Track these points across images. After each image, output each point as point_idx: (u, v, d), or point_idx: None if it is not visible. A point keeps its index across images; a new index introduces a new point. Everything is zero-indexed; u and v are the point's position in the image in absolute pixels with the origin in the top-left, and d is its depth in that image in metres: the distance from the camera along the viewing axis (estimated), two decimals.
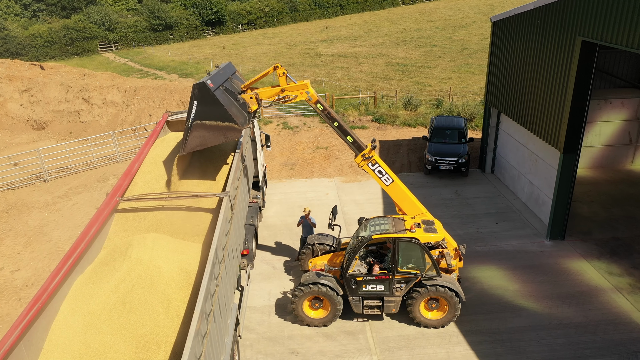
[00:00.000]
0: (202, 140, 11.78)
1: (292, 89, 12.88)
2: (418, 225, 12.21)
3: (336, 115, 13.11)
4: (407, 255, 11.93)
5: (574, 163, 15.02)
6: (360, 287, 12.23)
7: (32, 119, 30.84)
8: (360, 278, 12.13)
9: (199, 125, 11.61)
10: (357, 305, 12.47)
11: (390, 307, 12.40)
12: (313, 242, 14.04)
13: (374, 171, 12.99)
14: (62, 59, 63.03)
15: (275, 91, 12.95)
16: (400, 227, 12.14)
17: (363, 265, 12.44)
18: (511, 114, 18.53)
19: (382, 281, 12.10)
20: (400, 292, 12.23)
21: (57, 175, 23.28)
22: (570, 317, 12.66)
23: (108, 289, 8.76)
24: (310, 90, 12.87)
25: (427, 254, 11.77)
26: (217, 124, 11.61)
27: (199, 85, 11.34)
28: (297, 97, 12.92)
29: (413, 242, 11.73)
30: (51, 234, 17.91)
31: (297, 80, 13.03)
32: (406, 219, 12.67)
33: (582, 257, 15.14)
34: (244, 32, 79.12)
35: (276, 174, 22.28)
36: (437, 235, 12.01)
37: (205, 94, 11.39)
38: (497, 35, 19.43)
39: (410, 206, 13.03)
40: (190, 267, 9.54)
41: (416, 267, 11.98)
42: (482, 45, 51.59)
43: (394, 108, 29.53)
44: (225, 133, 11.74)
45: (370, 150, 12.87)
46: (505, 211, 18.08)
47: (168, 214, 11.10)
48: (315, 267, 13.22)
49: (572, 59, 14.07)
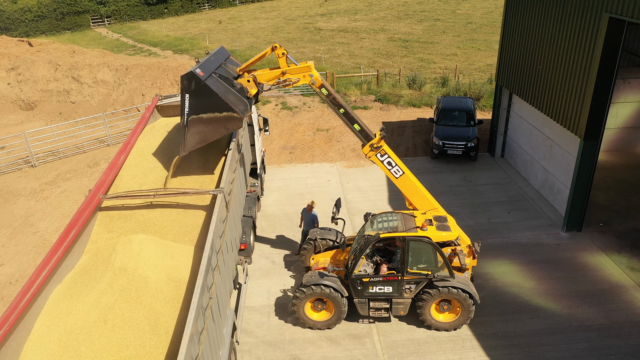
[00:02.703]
0: (201, 137, 10.67)
1: (294, 71, 11.69)
2: (430, 223, 11.22)
3: (342, 100, 11.96)
4: (417, 255, 10.99)
5: (595, 151, 13.99)
6: (367, 289, 11.34)
7: (20, 99, 29.57)
8: (366, 279, 11.22)
9: (195, 120, 10.49)
10: (363, 308, 11.59)
11: (398, 309, 11.53)
12: (315, 237, 13.07)
13: (382, 162, 11.94)
14: (52, 34, 60.99)
15: (275, 74, 11.73)
16: (410, 224, 11.17)
17: (370, 265, 11.51)
18: (525, 96, 17.38)
19: (391, 282, 11.19)
20: (409, 294, 11.34)
21: (45, 159, 22.19)
22: (592, 318, 11.82)
23: (88, 303, 7.82)
24: (314, 73, 11.70)
25: (440, 253, 10.83)
26: (215, 115, 10.48)
27: (187, 76, 10.18)
28: (299, 81, 11.74)
29: (425, 242, 10.78)
30: (37, 225, 16.95)
31: (298, 62, 11.84)
32: (417, 214, 11.68)
33: (601, 250, 14.24)
34: (240, 6, 76.75)
35: (275, 158, 21.22)
36: (450, 233, 11.03)
37: (196, 84, 10.24)
38: (510, 11, 18.11)
39: (422, 200, 12.02)
40: (180, 276, 8.59)
41: (427, 267, 11.06)
42: (487, 20, 49.84)
43: (398, 87, 28.27)
44: (225, 124, 10.64)
45: (380, 139, 11.79)
46: (517, 199, 17.11)
47: (157, 213, 10.09)
48: (318, 264, 12.31)
49: (598, 37, 12.87)
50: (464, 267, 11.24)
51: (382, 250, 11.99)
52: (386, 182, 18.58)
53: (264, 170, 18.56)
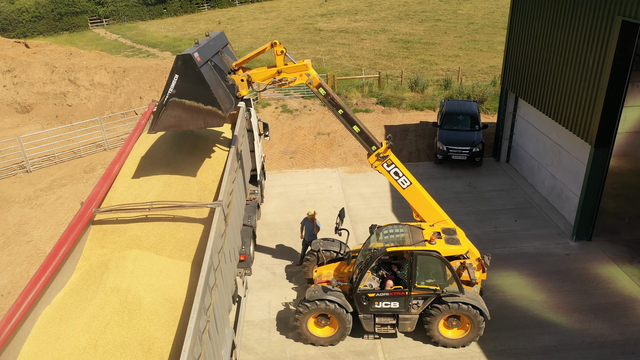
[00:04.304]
0: (176, 121, 9.94)
1: (291, 70, 11.03)
2: (438, 236, 10.77)
3: (341, 101, 11.37)
4: (425, 270, 10.53)
5: (607, 158, 13.54)
6: (373, 304, 10.88)
7: (16, 102, 29.07)
8: (372, 294, 10.77)
9: (176, 103, 9.78)
10: (369, 323, 11.14)
11: (405, 325, 11.07)
12: (318, 248, 12.60)
13: (389, 172, 11.44)
14: (50, 35, 60.51)
15: (270, 73, 11.07)
16: (418, 237, 10.71)
17: (375, 279, 11.06)
18: (531, 100, 16.93)
19: (397, 298, 10.74)
20: (417, 310, 10.89)
21: (40, 164, 21.74)
22: (605, 333, 11.37)
23: (78, 327, 7.36)
24: (312, 72, 11.08)
25: (449, 268, 10.37)
26: (199, 105, 9.81)
27: (184, 57, 9.50)
28: (295, 80, 11.07)
29: (433, 256, 10.32)
30: (31, 234, 16.48)
31: (297, 60, 11.30)
32: (424, 227, 11.23)
33: (612, 260, 13.80)
34: (240, 6, 76.30)
35: (275, 163, 20.76)
36: (460, 247, 10.58)
37: (190, 68, 9.55)
38: (517, 13, 17.66)
39: (430, 212, 11.55)
40: (176, 296, 8.13)
41: (436, 282, 10.60)
42: (489, 20, 49.41)
43: (400, 89, 27.82)
44: (205, 118, 9.93)
45: (387, 148, 11.30)
46: (524, 207, 16.66)
47: (152, 227, 9.62)
48: (321, 277, 11.85)
49: (610, 41, 12.42)
50: (473, 282, 10.80)
51: (388, 263, 11.54)
52: (389, 188, 18.13)
53: (264, 177, 18.10)
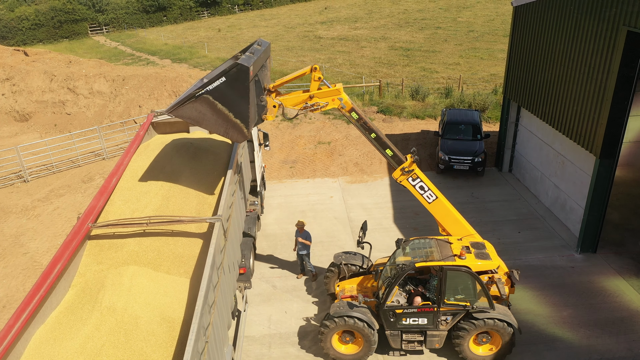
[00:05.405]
0: (198, 117, 9.64)
1: (323, 94, 10.83)
2: (468, 250, 10.53)
3: (374, 125, 11.20)
4: (455, 285, 10.30)
5: (612, 170, 13.35)
6: (400, 320, 10.61)
7: (14, 110, 28.94)
8: (400, 310, 10.50)
9: (208, 101, 9.47)
10: (396, 340, 10.85)
11: (433, 342, 10.80)
12: (340, 261, 12.31)
13: (414, 187, 11.26)
14: (50, 42, 60.46)
15: (302, 98, 10.86)
16: (447, 252, 10.48)
17: (402, 295, 10.81)
18: (534, 110, 16.76)
19: (426, 314, 10.49)
20: (445, 326, 10.63)
21: (38, 174, 21.53)
22: (613, 350, 11.13)
23: (72, 348, 7.13)
24: (344, 97, 10.89)
25: (480, 283, 10.15)
26: (228, 115, 9.62)
27: (240, 67, 9.21)
28: (327, 105, 10.91)
29: (463, 271, 10.11)
30: (28, 245, 16.24)
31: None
32: (452, 241, 11.00)
33: (618, 273, 13.57)
34: (240, 14, 76.40)
35: (275, 173, 20.56)
36: (491, 262, 10.34)
37: (240, 80, 9.31)
38: (519, 22, 17.53)
39: (456, 226, 11.34)
40: (174, 315, 7.90)
41: (465, 298, 10.37)
42: (489, 28, 49.41)
43: (401, 98, 27.68)
44: (228, 129, 9.77)
45: (412, 162, 11.11)
46: (527, 218, 16.45)
47: (150, 242, 9.40)
48: (344, 291, 11.60)
49: (615, 52, 12.27)
50: (503, 297, 10.57)
51: (413, 278, 11.27)
52: (391, 199, 17.93)
53: (264, 187, 17.90)
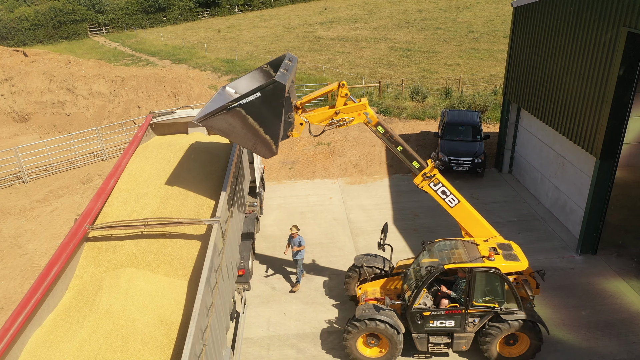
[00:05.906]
0: (228, 129, 9.55)
1: (348, 110, 10.70)
2: (495, 251, 10.48)
3: (400, 138, 11.09)
4: (483, 287, 10.25)
5: (612, 171, 13.31)
6: (427, 323, 10.55)
7: (13, 111, 28.90)
8: (427, 313, 10.44)
9: (240, 115, 9.40)
10: (422, 343, 10.78)
11: (460, 344, 10.74)
12: (361, 264, 12.24)
13: (436, 192, 11.23)
14: (50, 43, 60.44)
15: (328, 114, 10.72)
16: (474, 253, 10.42)
17: (429, 297, 10.75)
18: (534, 111, 16.71)
19: (454, 316, 10.43)
20: (473, 328, 10.58)
21: (37, 175, 21.48)
22: (613, 352, 11.08)
23: (69, 351, 7.07)
24: (370, 111, 10.79)
25: (509, 285, 10.11)
26: (259, 130, 9.58)
27: (276, 85, 9.18)
28: (353, 120, 10.80)
29: (492, 273, 10.06)
30: (26, 246, 16.19)
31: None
32: (478, 242, 10.95)
33: (618, 275, 13.52)
34: (239, 14, 76.41)
35: (275, 174, 20.51)
36: (520, 263, 10.26)
37: (275, 97, 9.30)
38: (519, 23, 17.49)
39: (480, 228, 11.30)
40: (172, 317, 7.85)
41: (494, 299, 10.32)
42: (489, 28, 49.37)
43: (400, 99, 27.63)
44: (257, 144, 9.74)
45: (432, 168, 11.06)
46: (527, 219, 16.39)
47: (147, 244, 9.35)
48: (366, 294, 11.57)
49: (615, 53, 12.23)
50: (531, 298, 10.56)
51: (439, 279, 11.18)
52: (390, 200, 17.88)
53: (263, 188, 17.85)
